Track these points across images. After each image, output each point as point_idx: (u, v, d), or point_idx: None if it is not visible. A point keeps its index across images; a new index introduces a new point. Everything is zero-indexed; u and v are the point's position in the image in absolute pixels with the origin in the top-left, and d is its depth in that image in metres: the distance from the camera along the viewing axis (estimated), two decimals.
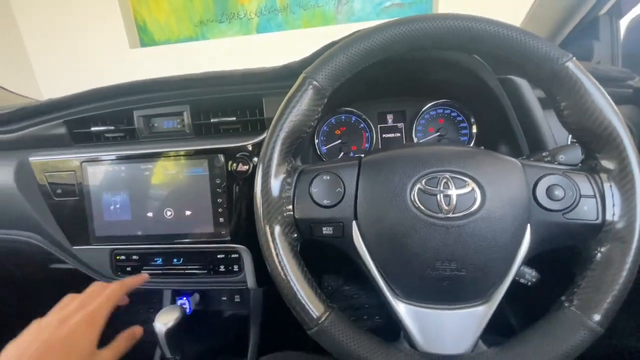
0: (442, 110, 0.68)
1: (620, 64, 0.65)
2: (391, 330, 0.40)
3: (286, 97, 0.39)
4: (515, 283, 0.39)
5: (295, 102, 0.38)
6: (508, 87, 0.55)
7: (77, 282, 1.22)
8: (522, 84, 0.55)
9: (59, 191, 0.61)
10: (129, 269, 0.64)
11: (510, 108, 0.55)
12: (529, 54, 0.36)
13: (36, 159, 0.61)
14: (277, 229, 0.37)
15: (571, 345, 0.33)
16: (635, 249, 0.34)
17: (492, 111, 0.58)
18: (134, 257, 0.63)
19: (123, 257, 0.63)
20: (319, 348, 0.38)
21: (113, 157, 0.59)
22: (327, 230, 0.39)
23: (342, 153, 0.69)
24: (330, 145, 0.70)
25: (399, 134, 0.69)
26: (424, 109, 0.67)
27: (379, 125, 0.69)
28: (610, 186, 0.36)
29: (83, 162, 0.60)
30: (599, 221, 0.35)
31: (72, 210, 0.61)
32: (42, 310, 0.43)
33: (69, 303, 0.44)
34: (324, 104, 0.40)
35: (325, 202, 0.39)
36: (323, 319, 0.36)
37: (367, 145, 0.69)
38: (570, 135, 0.59)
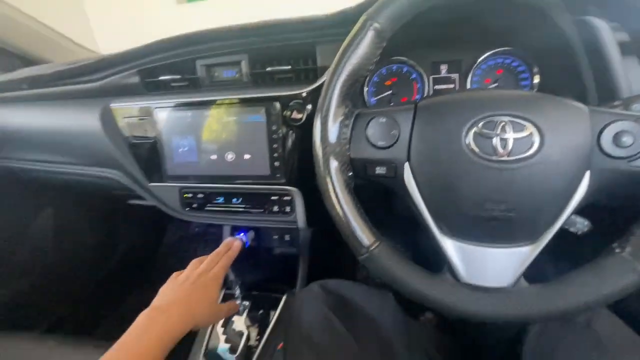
0: (502, 59, 0.64)
1: None
2: (435, 263, 0.43)
3: (346, 40, 0.40)
4: (564, 232, 0.40)
5: (356, 45, 0.39)
6: (584, 29, 0.50)
7: (148, 217, 1.39)
8: (602, 26, 0.50)
9: (135, 134, 0.70)
10: (194, 205, 0.73)
11: (582, 54, 0.51)
12: None
13: (116, 105, 0.69)
14: (335, 165, 0.41)
15: (617, 288, 0.34)
16: None
17: (560, 58, 0.54)
18: (199, 195, 0.72)
19: (190, 195, 0.72)
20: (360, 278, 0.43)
21: (179, 104, 0.65)
22: (380, 170, 0.42)
23: (391, 104, 0.69)
24: (379, 96, 0.70)
25: (452, 85, 0.67)
26: (481, 58, 0.63)
27: (431, 76, 0.67)
28: None
29: (155, 108, 0.66)
30: None
31: (148, 151, 0.69)
32: (118, 241, 0.53)
33: (198, 264, 0.58)
34: (382, 48, 0.41)
35: (380, 143, 0.41)
36: (373, 247, 0.40)
37: (417, 96, 0.68)
38: None
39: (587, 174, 0.36)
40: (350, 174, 0.43)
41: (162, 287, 0.54)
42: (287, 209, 0.68)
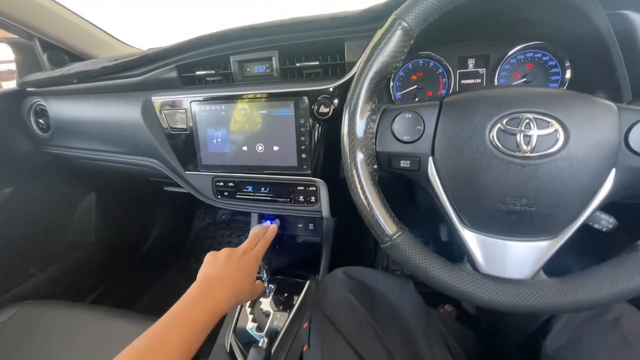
0: (532, 53, 0.63)
1: None
2: (455, 254, 0.45)
3: (375, 38, 0.42)
4: (588, 228, 0.40)
5: (384, 43, 0.41)
6: (619, 24, 0.49)
7: (180, 204, 1.48)
8: (638, 19, 0.49)
9: (173, 125, 0.75)
10: (226, 193, 0.78)
11: (617, 49, 0.50)
12: None
13: (157, 98, 0.75)
14: (360, 157, 0.43)
15: (636, 283, 0.35)
16: None
17: (593, 53, 0.53)
18: (230, 184, 0.76)
19: (221, 184, 0.77)
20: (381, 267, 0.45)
21: (213, 97, 0.69)
22: (404, 164, 0.44)
23: (416, 99, 0.70)
24: (405, 90, 0.71)
25: (479, 80, 0.67)
26: (510, 53, 0.63)
27: (458, 71, 0.67)
28: None
29: (191, 101, 0.71)
30: None
31: (184, 141, 0.75)
32: (154, 224, 0.58)
33: (238, 248, 0.60)
34: (410, 46, 0.42)
35: (405, 137, 0.43)
36: (396, 236, 0.42)
37: (443, 91, 0.69)
38: None
39: (613, 172, 0.37)
40: (375, 166, 0.45)
41: (205, 264, 0.54)
42: (312, 199, 0.71)
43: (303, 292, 0.75)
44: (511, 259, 0.40)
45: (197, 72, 0.73)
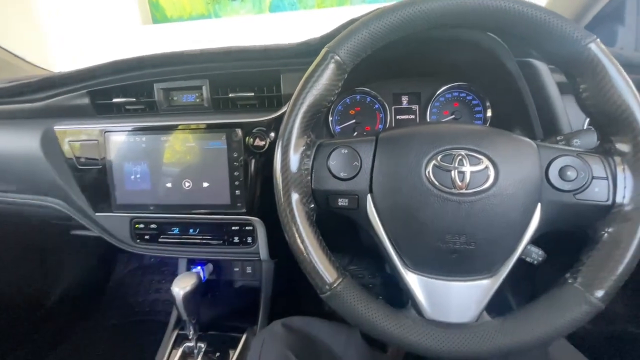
0: (458, 93, 0.67)
1: None
2: (398, 296, 0.42)
3: (308, 71, 0.40)
4: (520, 262, 0.41)
5: (317, 76, 0.39)
6: (527, 70, 0.54)
7: (95, 248, 1.27)
8: (541, 67, 0.54)
9: (82, 159, 0.64)
10: (147, 237, 0.67)
11: (527, 92, 0.55)
12: (553, 33, 0.36)
13: (61, 127, 0.64)
14: (295, 197, 0.39)
15: (572, 319, 0.35)
16: None
17: (508, 95, 0.58)
18: (152, 225, 0.66)
19: (142, 226, 0.66)
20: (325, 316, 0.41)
21: (134, 128, 0.61)
22: (342, 202, 0.41)
23: (355, 133, 0.70)
24: (344, 124, 0.71)
25: (413, 116, 0.69)
26: (439, 92, 0.67)
27: (393, 107, 0.69)
28: (623, 169, 0.36)
29: (106, 132, 0.62)
30: (609, 202, 0.36)
31: (95, 178, 0.64)
32: (61, 274, 0.46)
33: None
34: (344, 80, 0.41)
35: (342, 174, 0.40)
36: (336, 284, 0.38)
37: (380, 126, 0.70)
38: (587, 121, 0.59)
39: (539, 206, 0.38)
40: (313, 205, 0.41)
41: None
42: (249, 239, 0.64)
43: (239, 348, 0.65)
44: (455, 302, 0.39)
45: (115, 99, 0.64)
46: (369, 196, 0.40)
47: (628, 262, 0.35)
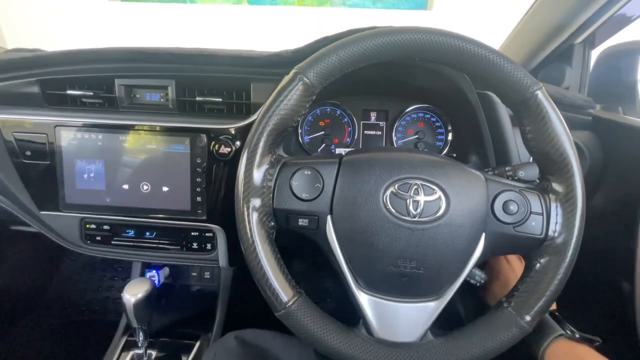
0: (423, 114, 0.71)
1: (587, 91, 0.70)
2: (350, 311, 0.44)
3: (276, 90, 0.40)
4: (466, 282, 0.44)
5: (284, 96, 0.39)
6: (485, 101, 0.58)
7: (39, 244, 1.18)
8: (497, 100, 0.58)
9: (28, 153, 0.59)
10: (98, 238, 0.64)
11: (484, 121, 0.59)
12: (505, 78, 0.39)
13: (4, 116, 0.58)
14: (255, 217, 0.39)
15: (503, 340, 0.39)
16: (567, 263, 0.39)
17: (467, 122, 0.62)
18: (105, 227, 0.63)
19: (93, 226, 0.63)
20: (282, 328, 0.41)
21: (90, 124, 0.57)
22: (302, 222, 0.41)
23: (323, 144, 0.71)
24: (313, 135, 0.71)
25: (379, 132, 0.72)
26: (405, 111, 0.69)
27: (362, 122, 0.71)
28: (556, 206, 0.40)
29: (56, 126, 0.57)
30: (542, 236, 0.40)
31: (42, 174, 0.59)
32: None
33: None
34: (312, 100, 0.42)
35: (304, 195, 0.41)
36: (290, 303, 0.39)
37: (348, 139, 0.71)
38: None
39: (483, 236, 0.41)
40: (272, 224, 0.42)
41: None
42: (208, 246, 0.63)
43: (191, 356, 0.64)
44: (403, 322, 0.41)
45: (70, 91, 0.60)
46: (329, 217, 0.41)
47: (554, 291, 0.39)
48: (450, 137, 0.69)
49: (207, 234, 0.62)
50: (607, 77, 0.70)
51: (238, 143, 0.57)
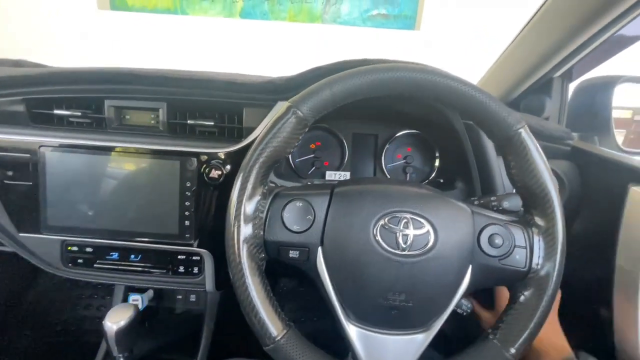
0: (412, 139, 0.72)
1: (565, 122, 0.74)
2: (338, 331, 0.44)
3: (269, 123, 0.41)
4: (453, 312, 0.44)
5: (278, 129, 0.40)
6: (471, 132, 0.60)
7: (14, 261, 1.12)
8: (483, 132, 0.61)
9: (9, 173, 0.57)
10: (80, 260, 0.62)
11: (470, 151, 0.61)
12: (491, 115, 0.41)
13: None
14: (246, 249, 0.39)
15: None
16: (549, 296, 0.40)
17: (454, 149, 0.64)
18: (88, 249, 0.61)
19: (75, 249, 0.61)
20: (270, 357, 0.41)
21: (76, 145, 0.56)
22: (293, 254, 0.41)
23: (314, 167, 0.72)
24: (303, 158, 0.72)
25: (369, 156, 0.73)
26: (395, 136, 0.71)
27: (352, 146, 0.72)
28: (539, 240, 0.42)
29: (41, 146, 0.56)
30: (526, 269, 0.42)
31: (23, 195, 0.57)
32: None
33: None
34: (304, 132, 0.42)
35: (295, 227, 0.41)
36: (280, 337, 0.38)
37: (338, 162, 0.72)
38: None
39: (470, 268, 0.42)
40: (263, 255, 0.41)
41: None
42: (195, 270, 0.62)
43: None
44: (391, 355, 0.41)
45: (57, 111, 0.59)
46: (319, 249, 0.41)
47: (537, 323, 0.40)
48: (437, 163, 0.71)
49: (194, 258, 0.61)
50: (584, 108, 0.74)
51: (229, 167, 0.57)
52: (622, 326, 0.51)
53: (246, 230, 0.40)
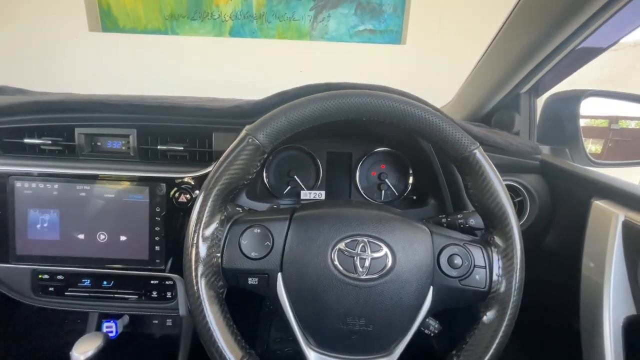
0: (385, 157, 0.73)
1: (536, 135, 0.75)
2: None
3: (226, 152, 0.41)
4: (420, 333, 0.44)
5: (234, 156, 0.41)
6: (439, 152, 0.61)
7: None
8: None
9: None
10: (51, 289, 0.61)
11: (439, 169, 0.62)
12: (445, 137, 0.42)
13: None
14: (204, 279, 0.39)
15: None
16: (510, 315, 0.40)
17: (426, 168, 0.65)
18: (59, 276, 0.61)
19: (46, 277, 0.61)
20: None
21: (46, 173, 0.57)
22: (252, 281, 0.41)
23: (289, 187, 0.72)
24: (278, 178, 0.72)
25: (344, 174, 0.73)
26: (369, 154, 0.72)
27: (326, 164, 0.73)
28: (498, 259, 0.42)
29: (10, 175, 0.56)
30: (486, 289, 0.42)
31: None
32: None
33: None
34: (263, 159, 0.43)
35: (253, 254, 0.41)
36: None
37: (313, 181, 0.73)
38: None
39: (431, 289, 0.42)
40: (221, 283, 0.41)
41: None
42: (169, 294, 0.61)
43: None
44: None
45: (27, 140, 0.59)
46: (279, 275, 0.41)
47: (499, 342, 0.40)
48: (411, 180, 0.72)
49: (167, 282, 0.61)
50: (554, 122, 0.75)
51: (197, 192, 0.57)
52: (588, 338, 0.50)
53: (203, 259, 0.40)
